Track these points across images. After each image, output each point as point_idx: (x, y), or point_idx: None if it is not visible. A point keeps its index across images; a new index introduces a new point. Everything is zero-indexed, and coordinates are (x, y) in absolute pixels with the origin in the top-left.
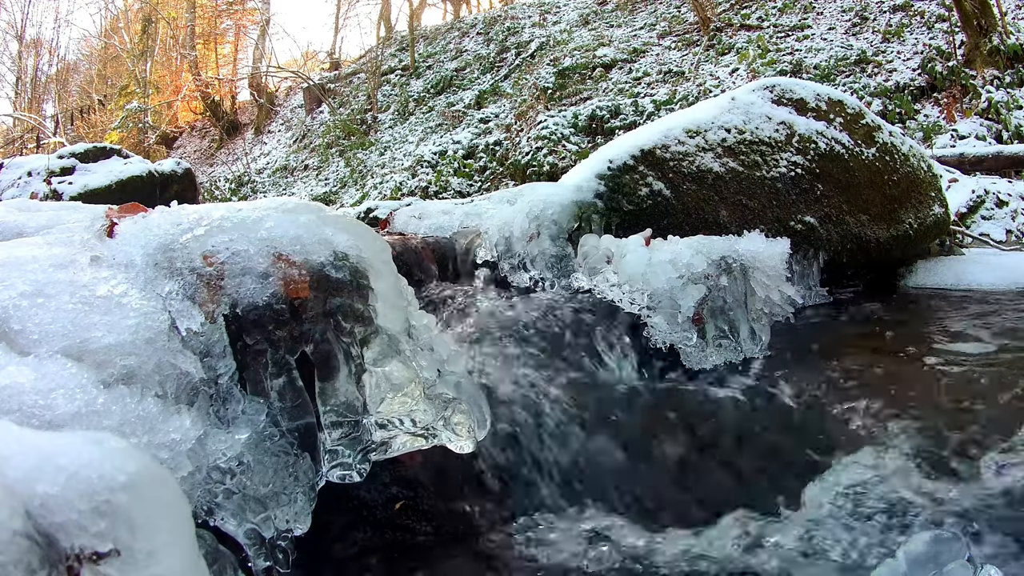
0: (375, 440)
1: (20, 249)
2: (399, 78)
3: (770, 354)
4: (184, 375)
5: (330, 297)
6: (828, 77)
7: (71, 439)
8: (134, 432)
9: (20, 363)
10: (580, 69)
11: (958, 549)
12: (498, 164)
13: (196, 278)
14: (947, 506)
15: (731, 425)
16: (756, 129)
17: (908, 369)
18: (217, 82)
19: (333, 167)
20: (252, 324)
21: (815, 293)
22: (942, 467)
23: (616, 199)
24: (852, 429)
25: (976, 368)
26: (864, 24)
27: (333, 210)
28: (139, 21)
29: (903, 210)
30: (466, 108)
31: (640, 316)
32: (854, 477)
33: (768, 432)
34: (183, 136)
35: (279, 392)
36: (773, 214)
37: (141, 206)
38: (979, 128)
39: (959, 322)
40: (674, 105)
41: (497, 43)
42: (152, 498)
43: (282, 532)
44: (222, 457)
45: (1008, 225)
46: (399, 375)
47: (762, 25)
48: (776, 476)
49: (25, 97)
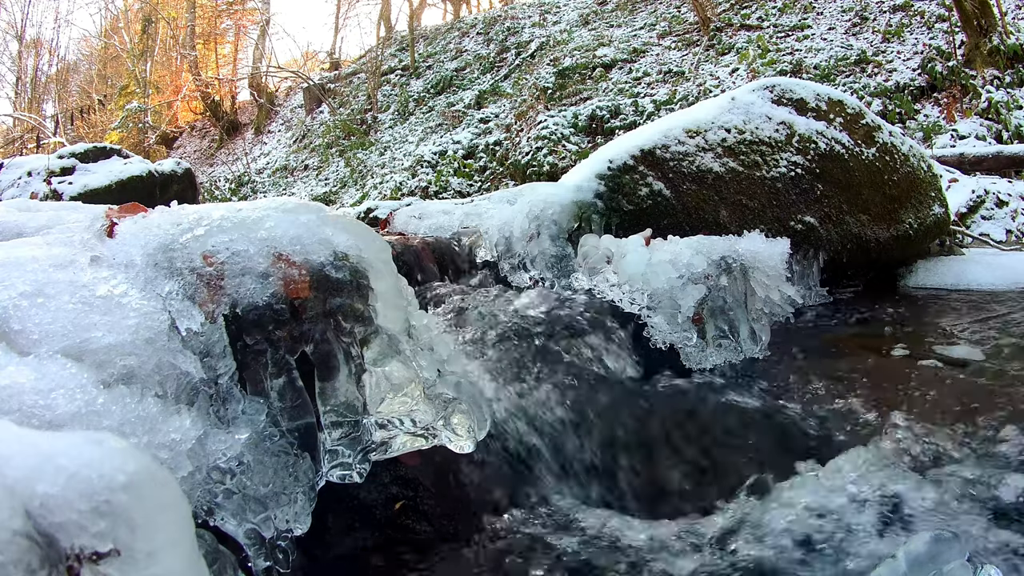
0: (375, 440)
1: (20, 249)
2: (399, 78)
3: (770, 354)
4: (184, 375)
5: (330, 297)
6: (828, 77)
7: (71, 439)
8: (134, 432)
9: (20, 363)
10: (580, 69)
11: (958, 549)
12: (498, 164)
13: (196, 278)
14: (947, 506)
15: (731, 425)
16: (756, 129)
17: (908, 369)
18: (217, 82)
19: (333, 167)
20: (252, 324)
21: (815, 293)
22: (942, 466)
23: (616, 199)
24: (852, 428)
25: (976, 368)
26: (864, 24)
27: (333, 210)
28: (139, 21)
29: (903, 210)
30: (466, 108)
31: (640, 316)
32: (854, 477)
33: (768, 431)
34: (183, 136)
35: (279, 392)
36: (773, 214)
37: (141, 206)
38: (979, 128)
39: (959, 322)
40: (674, 105)
41: (497, 43)
42: (152, 498)
43: (282, 532)
44: (222, 457)
45: (1008, 225)
46: (399, 375)
47: (762, 25)
48: (776, 475)
49: (25, 97)
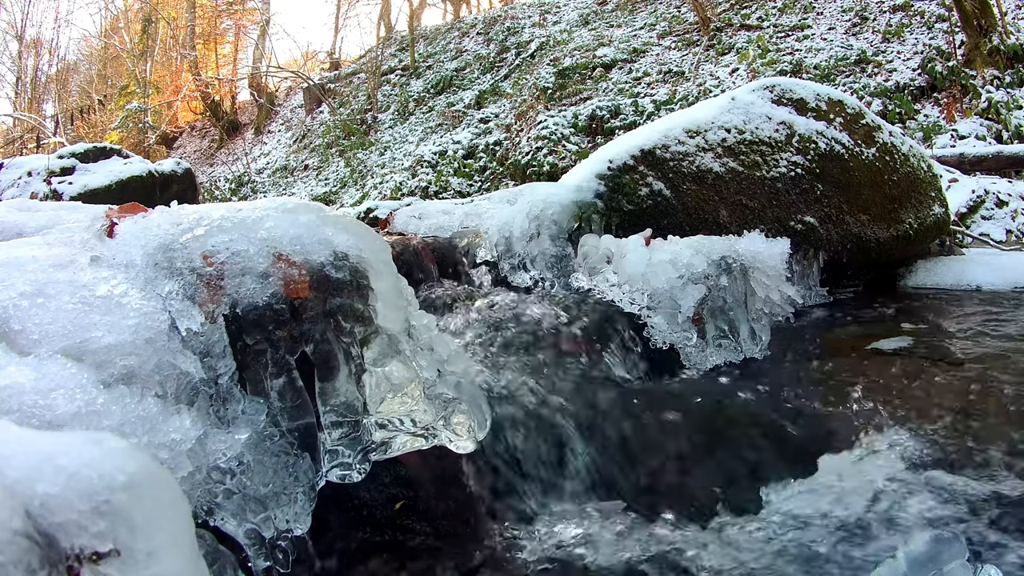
0: (375, 440)
1: (20, 249)
2: (399, 78)
3: (770, 354)
4: (184, 375)
5: (330, 297)
6: (828, 77)
7: (71, 439)
8: (134, 432)
9: (20, 363)
10: (580, 69)
11: (958, 549)
12: (498, 164)
13: (196, 278)
14: (947, 505)
15: (731, 425)
16: (756, 129)
17: (908, 369)
18: (217, 82)
19: (333, 167)
20: (252, 324)
21: (815, 293)
22: (941, 466)
23: (616, 199)
24: (852, 428)
25: (976, 367)
26: (864, 24)
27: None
28: (139, 21)
29: (903, 210)
30: (466, 108)
31: (640, 316)
32: (854, 476)
33: (767, 431)
34: (183, 136)
35: (279, 392)
36: (773, 214)
37: (141, 206)
38: (979, 128)
39: (959, 322)
40: (674, 105)
41: (497, 43)
42: (152, 498)
43: (282, 532)
44: (222, 457)
45: (1008, 225)
46: (399, 375)
47: (762, 25)
48: (776, 475)
49: (25, 97)
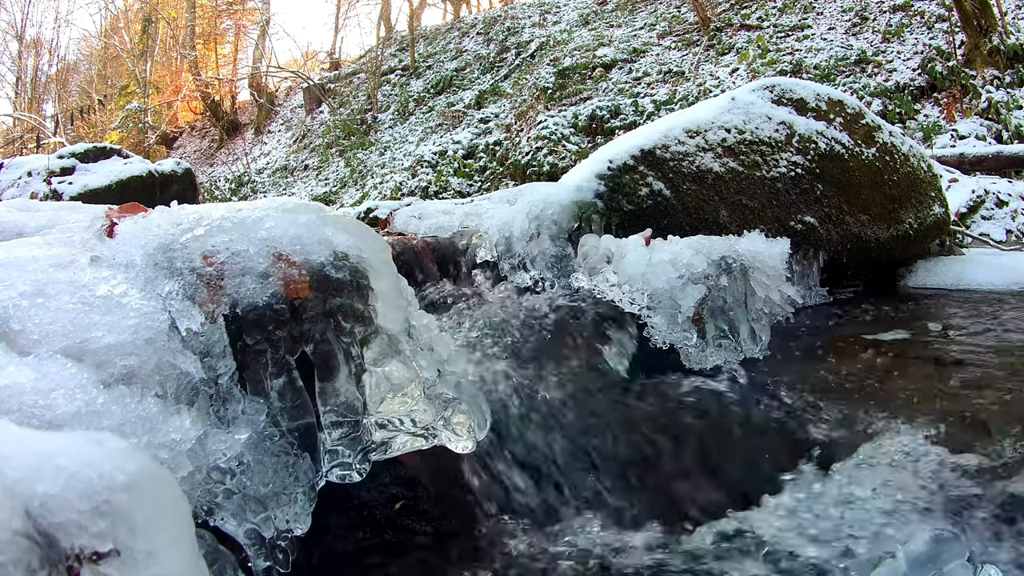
0: (375, 440)
1: (20, 249)
2: (399, 78)
3: (770, 353)
4: (184, 375)
5: (330, 297)
6: (828, 77)
7: (71, 439)
8: (134, 432)
9: (20, 363)
10: (580, 69)
11: (958, 549)
12: (498, 164)
13: (196, 278)
14: (947, 505)
15: (731, 425)
16: (756, 129)
17: (908, 368)
18: (217, 82)
19: (333, 167)
20: (252, 324)
21: (815, 293)
22: (941, 465)
23: (616, 199)
24: (852, 428)
25: (976, 368)
26: (864, 24)
27: (333, 210)
28: (139, 21)
29: (903, 210)
30: (466, 108)
31: (640, 316)
32: (854, 475)
33: (767, 431)
34: (183, 136)
35: (279, 392)
36: (773, 214)
37: (141, 206)
38: (979, 128)
39: (959, 322)
40: (674, 105)
41: (497, 43)
42: (152, 498)
43: (282, 532)
44: (222, 457)
45: (1008, 225)
46: (399, 375)
47: (762, 25)
48: (776, 475)
49: (25, 97)
